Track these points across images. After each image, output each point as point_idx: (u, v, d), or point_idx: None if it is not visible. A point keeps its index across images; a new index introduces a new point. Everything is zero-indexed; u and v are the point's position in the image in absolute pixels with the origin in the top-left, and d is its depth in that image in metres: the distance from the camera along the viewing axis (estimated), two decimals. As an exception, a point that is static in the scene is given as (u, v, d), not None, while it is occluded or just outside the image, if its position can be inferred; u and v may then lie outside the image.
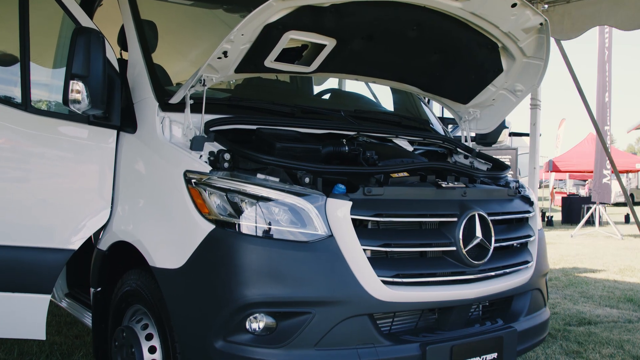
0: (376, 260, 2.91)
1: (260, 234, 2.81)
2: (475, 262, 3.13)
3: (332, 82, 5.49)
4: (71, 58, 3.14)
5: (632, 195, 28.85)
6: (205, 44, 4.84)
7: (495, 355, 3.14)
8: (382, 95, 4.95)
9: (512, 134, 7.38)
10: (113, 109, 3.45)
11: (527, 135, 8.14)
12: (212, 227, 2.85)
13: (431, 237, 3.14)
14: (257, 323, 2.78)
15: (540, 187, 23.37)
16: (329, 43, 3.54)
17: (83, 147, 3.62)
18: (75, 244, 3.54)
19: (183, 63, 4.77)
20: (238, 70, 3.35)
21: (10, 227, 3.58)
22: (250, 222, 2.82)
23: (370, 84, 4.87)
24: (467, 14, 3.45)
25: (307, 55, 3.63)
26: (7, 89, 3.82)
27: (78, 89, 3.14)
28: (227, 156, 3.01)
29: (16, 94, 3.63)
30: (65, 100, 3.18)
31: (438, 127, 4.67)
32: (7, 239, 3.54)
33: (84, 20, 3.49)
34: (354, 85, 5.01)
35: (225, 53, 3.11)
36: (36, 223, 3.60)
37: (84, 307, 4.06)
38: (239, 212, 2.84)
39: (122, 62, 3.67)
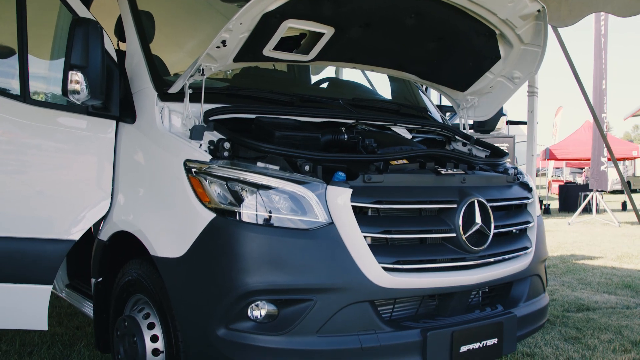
0: (377, 247, 2.92)
1: (261, 222, 2.82)
2: (475, 248, 3.15)
3: (329, 71, 5.49)
4: (70, 49, 3.13)
5: (629, 182, 28.88)
6: (202, 34, 4.83)
7: (495, 340, 3.16)
8: (380, 83, 4.95)
9: (509, 122, 7.39)
10: (112, 100, 3.45)
11: (524, 123, 8.13)
12: (212, 215, 2.85)
13: (431, 223, 3.15)
14: (259, 310, 2.79)
15: (537, 176, 23.38)
16: (327, 31, 3.53)
17: (82, 137, 3.62)
18: (76, 234, 3.55)
19: (181, 53, 4.77)
20: (237, 59, 3.34)
21: (10, 218, 3.58)
22: (250, 210, 2.82)
23: (367, 73, 4.87)
24: (464, 2, 3.46)
25: (305, 44, 3.62)
26: (5, 81, 3.81)
27: (77, 79, 3.13)
28: (227, 145, 3.02)
29: (14, 85, 3.62)
30: (64, 91, 3.17)
31: (436, 114, 4.68)
32: (8, 231, 3.55)
33: (81, 10, 3.48)
34: (351, 74, 5.01)
35: (224, 42, 3.11)
36: (36, 214, 3.60)
37: (85, 297, 4.07)
38: (239, 200, 2.84)
39: (120, 53, 3.66)
